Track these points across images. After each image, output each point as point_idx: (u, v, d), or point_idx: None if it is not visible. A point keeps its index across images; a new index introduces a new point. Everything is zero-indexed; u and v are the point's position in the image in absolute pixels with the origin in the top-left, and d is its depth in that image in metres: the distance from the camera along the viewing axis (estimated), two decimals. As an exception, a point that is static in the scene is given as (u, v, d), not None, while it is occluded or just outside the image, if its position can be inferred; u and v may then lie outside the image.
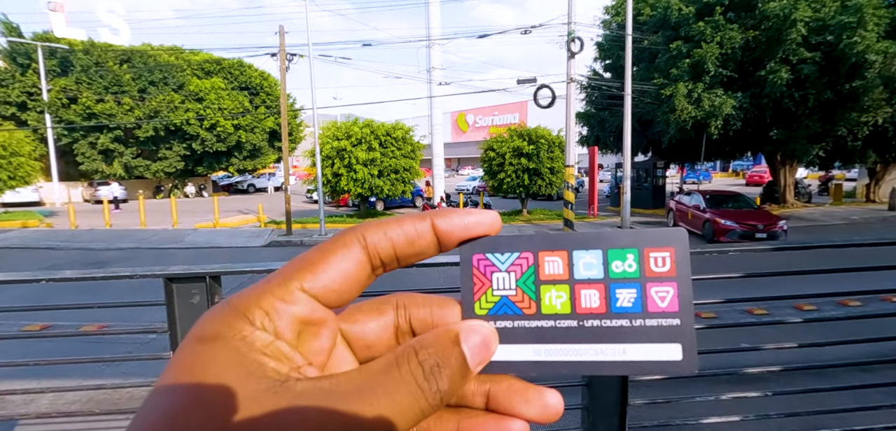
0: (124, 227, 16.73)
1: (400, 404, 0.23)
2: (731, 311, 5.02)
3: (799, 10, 13.82)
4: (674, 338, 0.27)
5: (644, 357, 0.27)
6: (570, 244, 0.28)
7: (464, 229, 0.28)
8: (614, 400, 1.91)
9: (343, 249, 0.26)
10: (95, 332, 1.93)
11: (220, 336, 0.24)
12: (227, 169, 33.77)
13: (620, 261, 0.28)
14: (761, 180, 29.04)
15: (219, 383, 0.22)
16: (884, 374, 3.06)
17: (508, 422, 0.27)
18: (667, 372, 0.27)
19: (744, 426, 2.12)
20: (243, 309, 0.24)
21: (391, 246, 0.27)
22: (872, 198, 19.61)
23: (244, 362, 0.23)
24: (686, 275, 0.27)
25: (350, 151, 16.70)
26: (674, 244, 0.27)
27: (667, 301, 0.27)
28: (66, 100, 26.94)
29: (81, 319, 5.09)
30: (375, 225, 0.27)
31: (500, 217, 0.29)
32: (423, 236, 0.27)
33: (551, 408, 0.27)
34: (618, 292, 0.28)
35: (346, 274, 0.26)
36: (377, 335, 0.29)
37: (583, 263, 0.28)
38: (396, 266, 0.28)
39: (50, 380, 2.08)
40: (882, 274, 2.09)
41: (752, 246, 1.97)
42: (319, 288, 0.26)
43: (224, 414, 0.21)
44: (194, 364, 0.23)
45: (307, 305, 0.26)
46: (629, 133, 14.42)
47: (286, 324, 0.25)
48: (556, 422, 0.26)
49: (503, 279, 0.29)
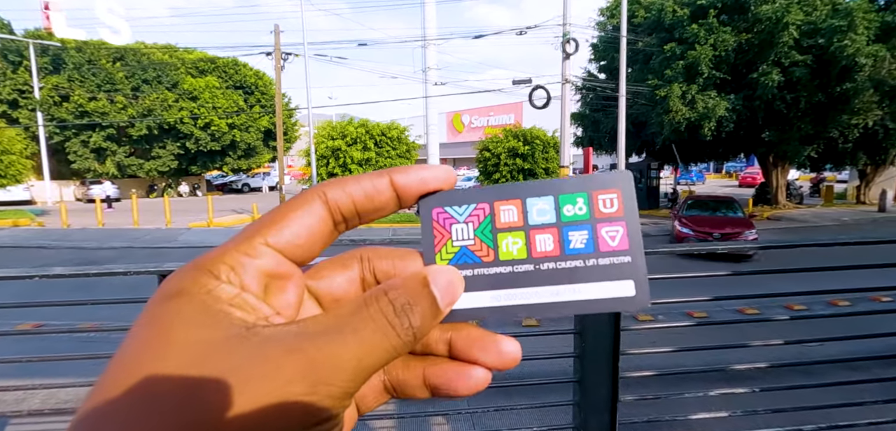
0: (117, 226, 16.61)
1: (369, 341, 0.23)
2: (722, 310, 5.08)
3: (791, 13, 13.98)
4: (626, 275, 0.28)
5: (599, 295, 0.28)
6: (524, 192, 0.29)
7: (420, 182, 0.29)
8: (605, 397, 1.94)
9: (305, 205, 0.27)
10: (89, 330, 1.93)
11: (184, 291, 0.23)
12: (221, 168, 33.59)
13: (571, 205, 0.29)
14: (754, 181, 29.29)
15: (185, 332, 0.22)
16: (869, 371, 3.11)
17: (470, 368, 0.27)
18: (621, 308, 0.28)
19: (731, 422, 2.16)
20: (208, 265, 0.24)
21: (351, 202, 0.27)
22: (863, 199, 19.84)
23: (210, 312, 0.23)
24: (634, 214, 0.28)
25: (345, 151, 16.68)
26: (620, 185, 0.29)
27: (617, 240, 0.28)
28: (58, 98, 26.69)
29: (74, 317, 5.07)
30: (336, 182, 0.27)
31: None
32: (382, 191, 0.28)
33: (507, 355, 0.27)
34: (570, 234, 0.29)
35: (309, 228, 0.27)
36: (344, 289, 0.29)
37: (536, 209, 0.29)
38: (357, 222, 0.28)
39: (42, 378, 2.08)
40: (870, 273, 2.13)
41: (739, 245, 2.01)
42: (283, 243, 0.26)
43: (192, 360, 0.21)
44: (160, 318, 0.23)
45: (272, 259, 0.26)
46: (624, 134, 14.51)
47: (252, 278, 0.25)
48: (549, 418, 0.26)
49: (462, 229, 0.30)
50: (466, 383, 0.27)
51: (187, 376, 0.21)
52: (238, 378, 0.21)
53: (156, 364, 0.21)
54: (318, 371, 0.22)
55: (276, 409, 0.21)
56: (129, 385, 0.21)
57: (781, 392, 2.06)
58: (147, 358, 0.21)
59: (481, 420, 3.30)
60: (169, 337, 0.22)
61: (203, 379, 0.21)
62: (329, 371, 0.22)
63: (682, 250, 1.97)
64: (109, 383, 0.21)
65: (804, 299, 5.43)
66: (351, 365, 0.23)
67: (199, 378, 0.21)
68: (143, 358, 0.21)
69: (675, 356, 3.68)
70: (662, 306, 5.48)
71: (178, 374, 0.21)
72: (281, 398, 0.21)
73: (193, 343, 0.22)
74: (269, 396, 0.21)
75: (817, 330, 4.07)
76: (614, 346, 1.88)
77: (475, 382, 0.27)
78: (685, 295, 2.07)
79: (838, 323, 4.63)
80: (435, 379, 0.28)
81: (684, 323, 2.27)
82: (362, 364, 0.23)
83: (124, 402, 0.20)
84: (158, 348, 0.22)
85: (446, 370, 0.28)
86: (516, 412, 3.22)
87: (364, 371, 0.23)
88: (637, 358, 2.17)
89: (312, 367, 0.22)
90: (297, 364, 0.22)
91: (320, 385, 0.22)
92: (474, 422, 3.29)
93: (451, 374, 0.28)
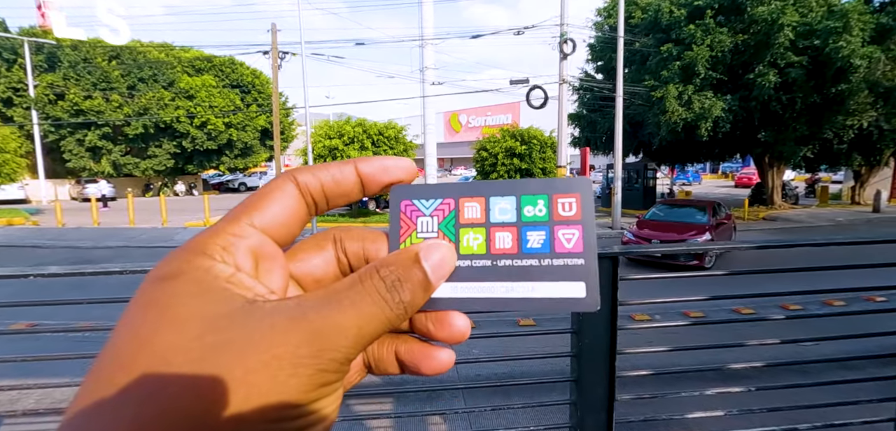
0: (112, 226, 16.52)
1: (365, 312, 0.25)
2: (718, 310, 5.10)
3: (787, 14, 14.05)
4: (578, 277, 0.29)
5: (551, 294, 0.29)
6: (488, 191, 0.31)
7: (382, 170, 0.30)
8: (602, 396, 1.94)
9: (280, 188, 0.28)
10: (84, 329, 1.91)
11: (180, 272, 0.24)
12: (217, 167, 33.45)
13: (531, 206, 0.30)
14: (750, 182, 29.42)
15: (186, 309, 0.22)
16: (864, 371, 3.13)
17: (435, 351, 0.29)
18: (572, 308, 0.29)
19: (727, 421, 2.17)
20: (201, 247, 0.25)
21: (319, 185, 0.29)
22: (857, 200, 19.96)
23: (210, 290, 0.23)
24: (590, 219, 0.30)
25: (342, 150, 16.65)
26: (579, 191, 0.30)
27: (572, 242, 0.29)
28: (53, 97, 26.50)
29: (69, 317, 5.04)
30: (306, 168, 0.29)
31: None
32: (348, 177, 0.30)
33: (457, 329, 0.29)
34: (528, 234, 0.30)
35: (287, 209, 0.28)
36: (323, 270, 0.31)
37: (498, 208, 0.30)
38: (325, 206, 0.30)
39: (37, 378, 2.06)
40: (864, 273, 2.15)
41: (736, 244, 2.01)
42: (266, 223, 0.27)
43: (197, 332, 0.22)
44: (159, 298, 0.23)
45: (259, 239, 0.27)
46: (620, 134, 14.54)
47: (244, 257, 0.26)
48: (546, 418, 0.27)
49: (427, 222, 0.31)
50: (430, 364, 0.29)
51: (194, 348, 0.21)
52: (247, 344, 0.22)
53: (160, 336, 0.21)
54: (322, 337, 0.23)
55: (287, 373, 0.22)
56: (136, 365, 0.21)
57: (777, 392, 2.07)
58: (148, 337, 0.22)
59: (479, 419, 3.30)
60: (169, 314, 0.22)
61: (211, 348, 0.21)
62: (332, 336, 0.24)
63: (679, 250, 1.98)
64: (122, 354, 0.21)
65: (799, 299, 5.46)
66: (353, 332, 0.24)
67: (208, 348, 0.21)
68: (143, 337, 0.22)
69: (671, 355, 3.70)
70: (659, 305, 5.50)
71: (184, 348, 0.21)
72: (290, 362, 0.22)
73: (197, 317, 0.22)
74: (279, 361, 0.22)
75: (812, 330, 4.10)
76: (611, 345, 1.88)
77: (438, 364, 0.29)
78: (681, 294, 2.08)
79: (833, 323, 4.66)
80: (404, 356, 0.29)
81: (681, 323, 2.28)
82: (362, 331, 0.25)
83: (133, 383, 0.20)
84: (159, 326, 0.22)
85: (413, 349, 0.29)
86: (513, 411, 3.22)
87: (364, 338, 0.25)
88: (634, 358, 2.18)
89: (317, 334, 0.23)
90: (302, 330, 0.23)
91: (325, 351, 0.23)
92: (471, 421, 3.29)
93: (418, 355, 0.29)
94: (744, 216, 16.68)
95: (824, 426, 2.07)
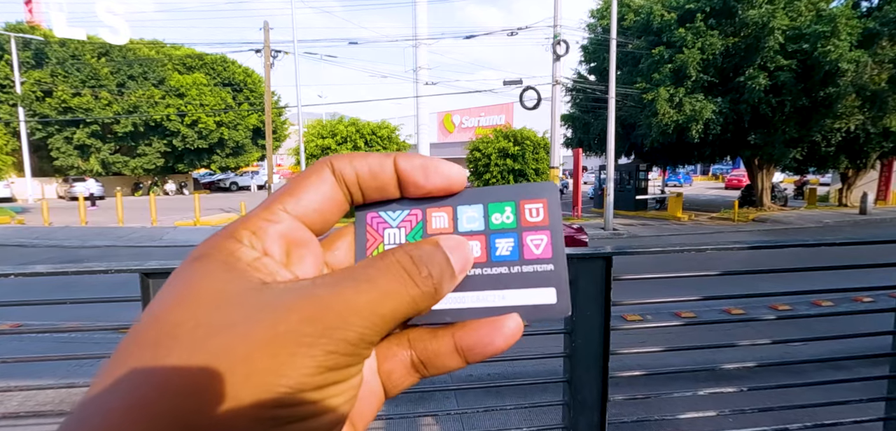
0: (101, 225, 16.29)
1: (385, 288, 0.23)
2: (710, 310, 5.14)
3: (777, 18, 14.22)
4: (548, 283, 0.28)
5: (522, 301, 0.28)
6: (455, 201, 0.30)
7: (422, 172, 0.29)
8: (595, 396, 1.94)
9: (318, 173, 0.27)
10: (69, 330, 1.87)
11: (207, 254, 0.24)
12: (208, 166, 33.16)
13: (499, 214, 0.30)
14: (740, 184, 29.75)
15: (203, 286, 0.23)
16: (852, 370, 3.16)
17: (503, 319, 0.27)
18: (543, 316, 0.28)
19: (719, 421, 2.18)
20: (231, 231, 0.25)
21: (355, 175, 0.28)
22: (844, 202, 20.26)
23: (230, 271, 0.23)
24: (558, 224, 0.29)
25: (335, 150, 16.58)
26: (546, 195, 0.30)
27: (541, 248, 0.29)
28: (40, 94, 26.09)
29: (54, 317, 4.94)
30: (345, 155, 0.28)
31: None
32: (386, 171, 0.28)
33: (510, 332, 0.27)
34: (497, 242, 0.29)
35: (324, 195, 0.27)
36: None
37: (466, 217, 0.30)
38: (360, 198, 0.29)
39: (20, 380, 2.01)
40: (852, 274, 2.16)
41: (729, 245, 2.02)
42: (301, 210, 0.27)
43: (206, 310, 0.22)
44: (182, 278, 0.23)
45: (292, 224, 0.26)
46: (613, 136, 14.62)
47: (273, 242, 0.25)
48: (539, 418, 0.26)
49: (394, 234, 0.30)
50: (503, 334, 0.27)
51: (200, 327, 0.21)
52: (251, 322, 0.21)
53: (172, 313, 0.22)
54: (330, 314, 0.22)
55: (288, 351, 0.21)
56: (146, 341, 0.21)
57: (768, 392, 2.09)
58: (164, 309, 0.22)
59: (471, 421, 3.29)
60: (190, 290, 0.22)
61: (217, 327, 0.21)
62: (343, 314, 0.22)
63: (674, 251, 1.98)
64: (136, 331, 0.22)
65: (789, 299, 5.52)
66: (366, 310, 0.22)
67: (213, 327, 0.21)
68: (157, 313, 0.22)
69: (663, 355, 3.71)
70: (651, 306, 5.53)
71: (191, 325, 0.21)
72: (292, 340, 0.21)
73: (209, 297, 0.22)
74: (280, 339, 0.21)
75: (802, 330, 4.14)
76: (604, 346, 1.88)
77: (510, 332, 0.27)
78: (673, 295, 2.08)
79: (822, 323, 4.71)
80: (467, 339, 0.27)
81: (673, 323, 2.28)
82: (380, 310, 0.23)
83: (138, 359, 0.21)
84: (174, 304, 0.22)
85: (479, 327, 0.27)
86: (506, 412, 3.21)
87: (382, 318, 0.23)
88: (626, 358, 2.18)
89: (325, 310, 0.22)
90: (308, 306, 0.22)
91: (334, 330, 0.22)
92: (464, 423, 3.28)
93: (485, 331, 0.27)
94: (734, 217, 16.86)
95: (814, 425, 2.08)
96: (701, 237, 14.06)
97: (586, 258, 1.80)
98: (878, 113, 14.93)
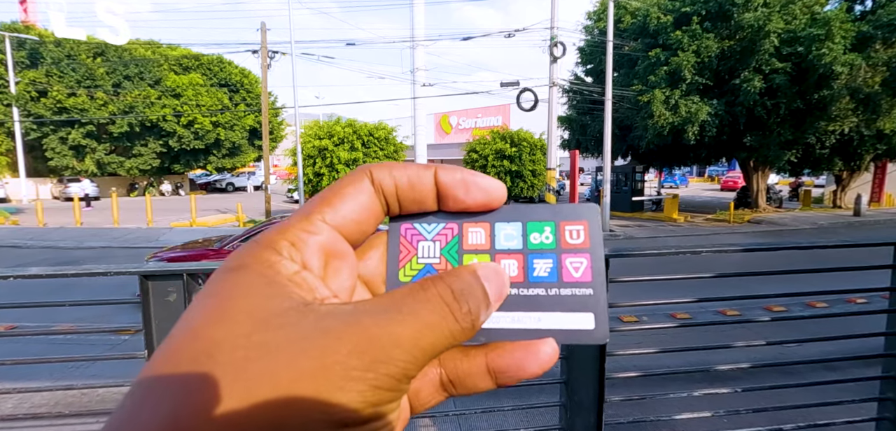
0: (96, 226, 16.20)
1: (427, 320, 0.23)
2: (705, 311, 5.16)
3: (772, 21, 14.32)
4: (587, 307, 0.28)
5: (559, 325, 0.27)
6: (493, 217, 0.29)
7: (462, 187, 0.28)
8: (591, 397, 1.95)
9: (356, 182, 0.27)
10: (65, 332, 1.86)
11: (246, 265, 0.23)
12: (205, 167, 33.01)
13: (538, 233, 0.29)
14: (735, 185, 29.89)
15: (245, 302, 0.22)
16: (845, 371, 3.19)
17: (539, 344, 0.27)
18: (580, 341, 0.27)
19: (714, 421, 2.19)
20: (269, 241, 0.24)
21: (393, 186, 0.27)
22: (839, 203, 20.41)
23: (270, 286, 0.22)
24: (599, 247, 0.29)
25: (332, 151, 16.56)
26: (587, 218, 0.29)
27: (581, 271, 0.28)
28: (35, 94, 25.92)
29: (50, 319, 4.92)
30: (384, 164, 0.28)
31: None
32: (425, 183, 0.28)
33: (546, 357, 0.27)
34: (535, 262, 0.29)
35: (362, 205, 0.27)
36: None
37: (504, 234, 0.29)
38: (397, 209, 0.28)
39: (16, 381, 2.00)
40: (846, 276, 2.19)
41: (723, 247, 2.04)
42: (339, 220, 0.26)
43: (247, 329, 0.21)
44: (220, 290, 0.23)
45: (330, 236, 0.26)
46: (609, 137, 14.68)
47: (312, 254, 0.25)
48: (536, 420, 0.26)
49: (428, 247, 0.29)
50: (538, 359, 0.26)
51: (241, 346, 0.20)
52: (296, 348, 0.20)
53: (211, 330, 0.21)
54: (376, 347, 0.21)
55: (335, 385, 0.20)
56: (183, 357, 0.20)
57: (762, 392, 2.11)
58: (202, 323, 0.21)
59: (468, 422, 3.29)
60: (229, 305, 0.22)
61: (259, 347, 0.20)
62: (388, 348, 0.21)
63: (670, 253, 2.00)
64: (172, 346, 0.21)
65: (783, 301, 5.56)
66: (409, 344, 0.22)
67: (254, 347, 0.20)
68: (196, 328, 0.21)
69: (659, 357, 3.73)
70: (647, 307, 5.55)
71: (231, 344, 0.20)
72: (340, 373, 0.20)
73: (251, 314, 0.21)
74: (327, 371, 0.20)
75: (796, 331, 4.17)
76: (600, 348, 1.89)
77: (546, 358, 0.26)
78: (669, 296, 2.10)
79: (816, 324, 4.75)
80: (500, 362, 0.26)
81: (668, 325, 2.30)
82: (420, 344, 0.22)
83: (176, 377, 0.20)
84: (212, 319, 0.21)
85: (513, 350, 0.27)
86: (503, 413, 3.23)
87: (423, 351, 0.23)
88: (623, 359, 2.19)
89: (371, 343, 0.21)
90: (356, 337, 0.21)
91: (379, 364, 0.21)
92: (461, 424, 3.29)
93: (520, 354, 0.26)
94: (729, 219, 16.95)
95: (808, 426, 2.10)
96: (697, 238, 14.12)
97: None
98: (871, 115, 15.05)
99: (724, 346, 2.19)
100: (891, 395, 2.07)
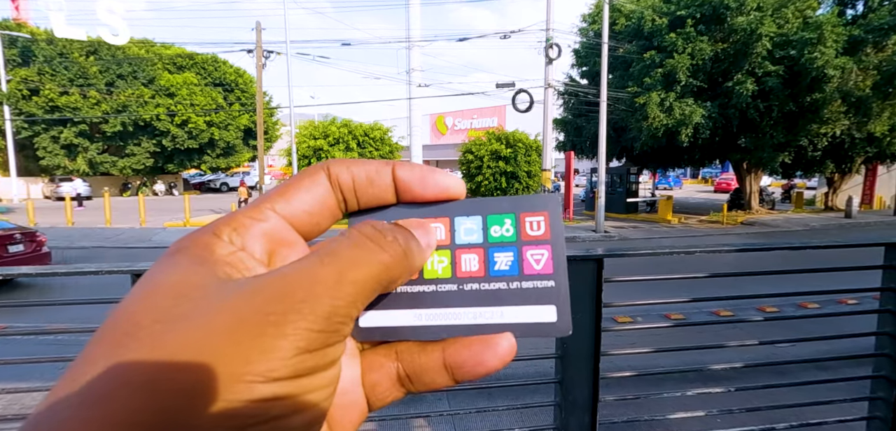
0: (88, 225, 16.05)
1: (349, 256, 0.22)
2: (699, 312, 5.19)
3: (765, 25, 14.45)
4: (549, 300, 0.27)
5: (521, 319, 0.27)
6: (453, 211, 0.29)
7: (420, 182, 0.27)
8: (586, 397, 1.95)
9: (312, 175, 0.27)
10: (56, 332, 1.84)
11: (182, 248, 0.23)
12: (199, 166, 32.81)
13: (498, 226, 0.28)
14: (729, 187, 30.13)
15: (168, 280, 0.22)
16: (837, 371, 3.22)
17: (497, 338, 0.26)
18: (543, 334, 0.27)
19: (708, 421, 2.20)
20: (212, 227, 0.24)
21: (351, 180, 0.27)
22: (830, 205, 20.62)
23: (200, 265, 0.22)
24: (560, 237, 0.28)
25: (327, 151, 16.51)
26: (548, 208, 0.28)
27: (542, 263, 0.28)
28: (26, 92, 25.67)
29: (40, 319, 4.87)
30: (342, 160, 0.27)
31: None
32: (383, 179, 0.27)
33: (505, 351, 0.26)
34: (496, 256, 0.28)
35: (316, 198, 0.26)
36: None
37: (464, 228, 0.28)
38: (355, 205, 0.28)
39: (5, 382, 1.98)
40: (838, 276, 2.21)
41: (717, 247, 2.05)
42: (291, 211, 0.26)
43: (167, 304, 0.20)
44: (153, 273, 0.22)
45: (278, 223, 0.25)
46: (604, 139, 14.74)
47: (255, 240, 0.24)
48: (530, 419, 0.25)
49: None
50: (496, 353, 0.26)
51: (163, 318, 0.20)
52: (213, 310, 0.20)
53: (131, 307, 0.21)
54: (297, 290, 0.21)
55: (253, 336, 0.19)
56: (109, 334, 0.20)
57: (755, 392, 2.12)
58: (127, 306, 0.21)
59: (463, 422, 3.29)
60: (154, 285, 0.22)
61: (179, 316, 0.20)
62: (309, 287, 0.21)
63: (664, 253, 2.01)
64: (102, 331, 0.21)
65: (776, 301, 5.60)
66: (332, 281, 0.21)
67: (175, 316, 0.20)
68: (125, 306, 0.21)
69: (653, 356, 3.75)
70: (642, 307, 5.58)
71: (154, 316, 0.20)
72: (257, 323, 0.19)
73: (176, 286, 0.21)
74: (244, 322, 0.19)
75: (789, 331, 4.20)
76: (595, 347, 1.90)
77: (504, 352, 0.26)
78: (663, 297, 2.11)
79: (808, 324, 4.79)
80: (458, 356, 0.26)
81: (663, 325, 2.31)
82: (348, 277, 0.22)
83: (100, 353, 0.19)
84: (141, 296, 0.21)
85: (470, 345, 0.26)
86: (498, 413, 3.23)
87: (353, 284, 0.22)
88: (617, 359, 2.20)
89: (291, 287, 0.21)
90: (273, 287, 0.21)
91: (302, 304, 0.20)
92: (455, 424, 3.28)
93: (477, 348, 0.26)
94: (723, 220, 17.07)
95: (800, 425, 2.11)
96: (690, 239, 14.21)
97: (578, 260, 1.81)
98: (862, 118, 15.22)
99: (718, 346, 2.20)
100: (881, 394, 2.09)
